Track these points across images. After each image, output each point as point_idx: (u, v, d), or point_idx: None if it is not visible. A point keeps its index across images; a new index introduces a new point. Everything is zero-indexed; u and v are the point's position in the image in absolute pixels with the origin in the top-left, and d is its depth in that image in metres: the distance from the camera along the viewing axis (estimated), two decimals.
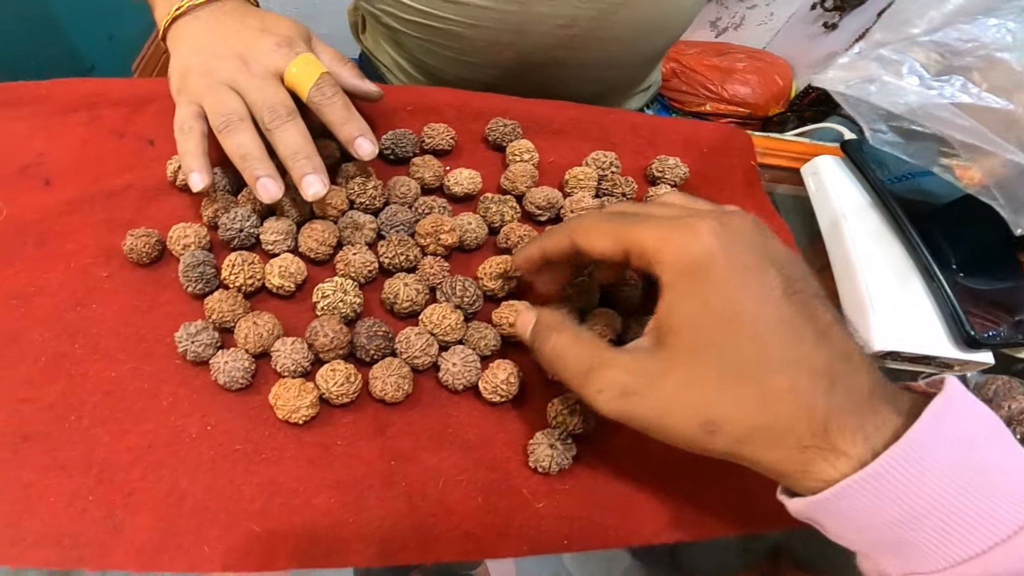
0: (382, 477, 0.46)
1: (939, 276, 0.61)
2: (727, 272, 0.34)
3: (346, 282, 0.51)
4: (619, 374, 0.36)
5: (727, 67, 2.16)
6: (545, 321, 0.42)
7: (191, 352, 0.47)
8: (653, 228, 0.36)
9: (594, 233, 0.39)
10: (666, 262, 0.35)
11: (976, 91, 0.53)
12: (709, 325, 0.34)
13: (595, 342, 0.39)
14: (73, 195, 0.56)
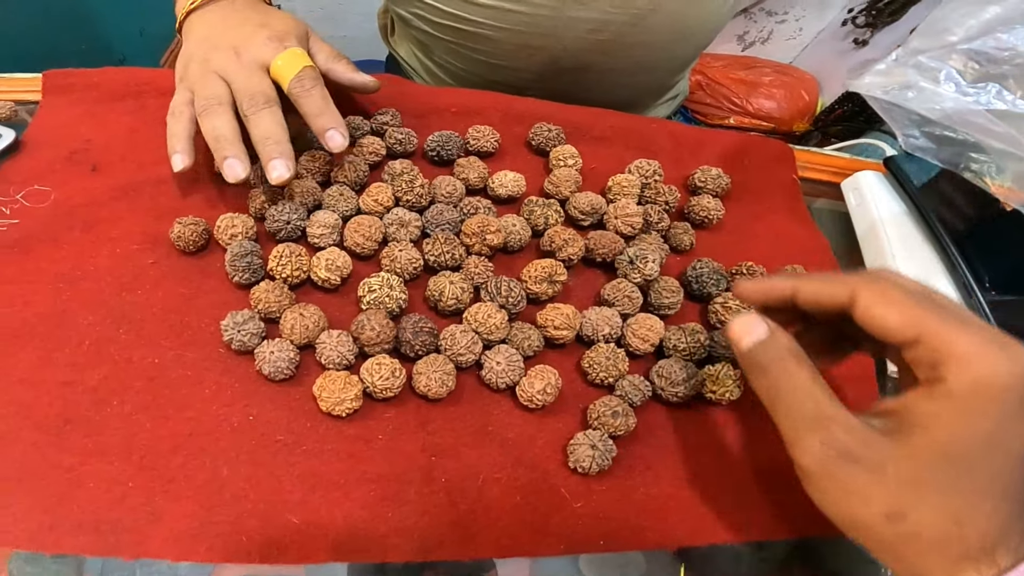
0: (422, 472, 0.46)
1: (978, 294, 0.61)
2: (1016, 411, 0.33)
3: (392, 277, 0.51)
4: (848, 436, 0.35)
5: (753, 81, 2.15)
6: (786, 344, 0.39)
7: (237, 341, 0.47)
8: (974, 332, 0.34)
9: (889, 304, 0.36)
10: (970, 370, 0.33)
11: (1011, 98, 0.53)
12: (968, 446, 0.33)
13: (830, 392, 0.37)
14: (120, 181, 0.57)
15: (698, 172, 0.67)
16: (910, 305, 0.36)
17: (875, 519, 0.34)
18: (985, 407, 0.33)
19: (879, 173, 0.72)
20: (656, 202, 0.63)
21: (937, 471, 0.33)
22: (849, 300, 0.38)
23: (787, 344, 0.39)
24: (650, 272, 0.55)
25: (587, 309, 0.54)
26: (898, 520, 0.34)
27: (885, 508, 0.34)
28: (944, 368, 0.34)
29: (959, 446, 0.33)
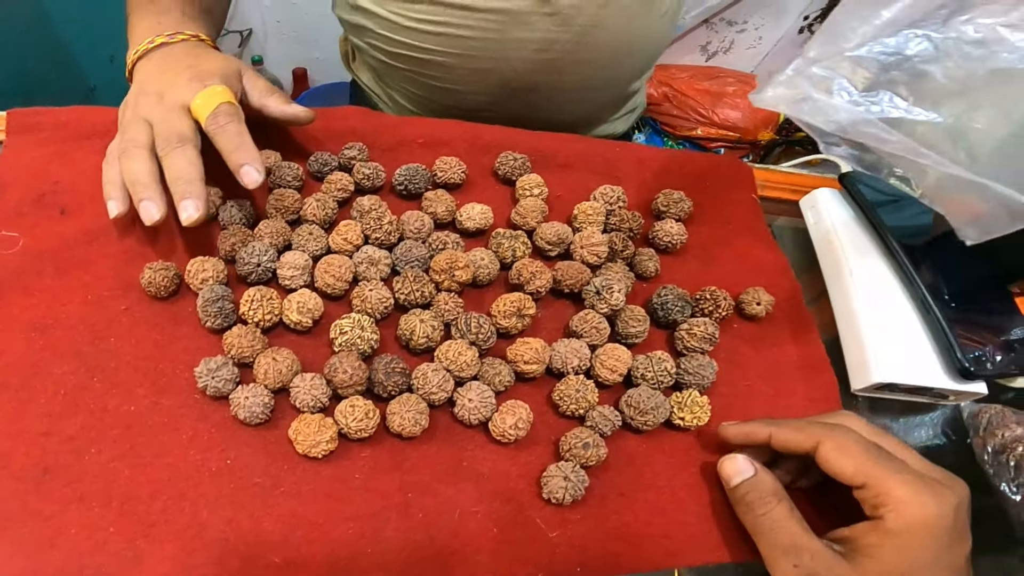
0: (399, 509, 0.47)
1: (934, 309, 0.62)
2: (946, 541, 0.42)
3: (363, 318, 0.52)
4: (815, 562, 0.43)
5: (717, 91, 2.18)
6: (769, 484, 0.48)
7: (211, 387, 0.48)
8: (908, 482, 0.43)
9: (846, 456, 0.45)
10: (903, 514, 0.42)
11: (904, 105, 0.54)
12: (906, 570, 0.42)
13: (803, 523, 0.46)
14: (90, 224, 0.57)
15: (661, 196, 0.69)
16: (861, 457, 0.45)
17: None
18: (917, 541, 0.42)
19: (835, 190, 0.74)
20: (620, 229, 0.64)
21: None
22: (812, 448, 0.47)
23: (770, 484, 0.48)
24: (616, 302, 0.56)
25: (556, 342, 0.55)
26: None
27: None
28: (884, 509, 0.43)
29: (898, 568, 0.42)
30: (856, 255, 0.68)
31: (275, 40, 2.23)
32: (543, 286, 0.57)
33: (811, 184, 0.77)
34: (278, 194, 0.59)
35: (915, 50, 0.53)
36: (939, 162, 0.51)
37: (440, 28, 0.76)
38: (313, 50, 2.24)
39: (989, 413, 0.65)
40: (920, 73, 0.53)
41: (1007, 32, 0.50)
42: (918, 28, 0.53)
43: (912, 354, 0.62)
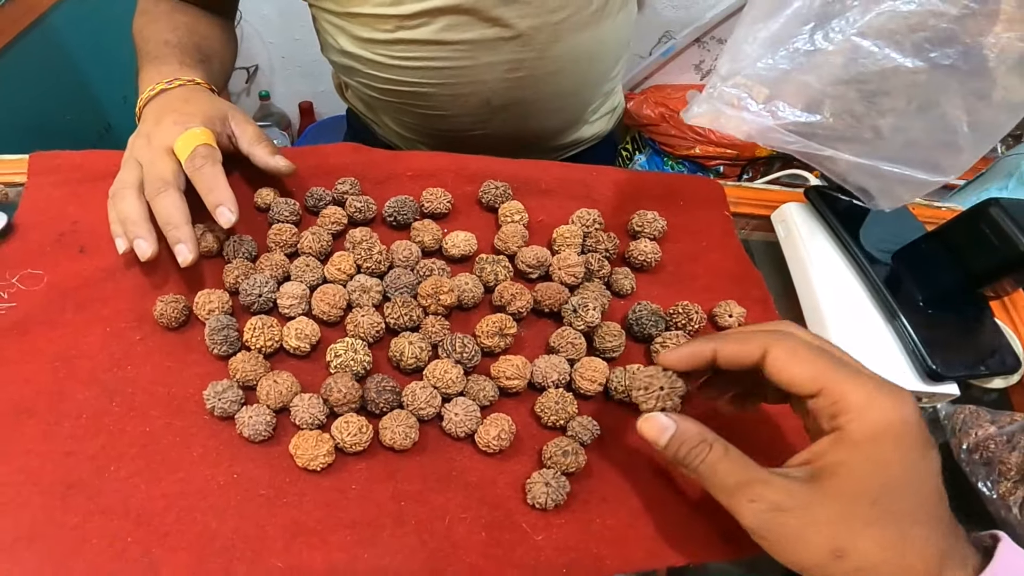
0: (393, 517, 0.51)
1: (900, 315, 0.65)
2: (915, 450, 0.38)
3: (356, 342, 0.56)
4: (774, 492, 0.39)
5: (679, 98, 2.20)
6: (694, 435, 0.44)
7: (218, 408, 0.53)
8: (864, 384, 0.39)
9: (796, 361, 0.41)
10: (866, 420, 0.38)
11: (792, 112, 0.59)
12: (878, 484, 0.38)
13: (744, 458, 0.42)
14: (107, 262, 0.62)
15: (636, 217, 0.73)
16: (813, 361, 0.41)
17: (822, 559, 0.38)
18: (886, 450, 0.38)
19: (802, 203, 0.77)
20: (597, 250, 0.69)
21: (860, 507, 0.38)
22: (760, 357, 0.43)
23: (696, 431, 0.44)
24: (592, 319, 0.61)
25: (537, 358, 0.59)
26: (843, 557, 0.37)
27: (827, 547, 0.38)
28: (844, 418, 0.39)
29: (869, 486, 0.38)
30: (823, 265, 0.72)
31: (281, 75, 2.31)
32: (523, 307, 0.62)
33: (781, 199, 0.80)
34: (277, 229, 0.64)
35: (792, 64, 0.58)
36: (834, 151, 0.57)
37: (419, 63, 0.84)
38: (318, 84, 2.31)
39: (964, 413, 0.66)
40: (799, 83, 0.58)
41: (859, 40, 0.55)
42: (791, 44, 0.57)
43: (881, 359, 0.65)
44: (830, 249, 0.73)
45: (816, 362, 0.41)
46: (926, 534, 0.38)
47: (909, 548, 0.37)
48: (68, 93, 1.48)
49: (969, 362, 0.65)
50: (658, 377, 0.48)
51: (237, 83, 2.29)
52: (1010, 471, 0.61)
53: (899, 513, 0.38)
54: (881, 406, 0.38)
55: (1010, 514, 0.60)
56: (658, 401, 0.48)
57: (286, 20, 2.13)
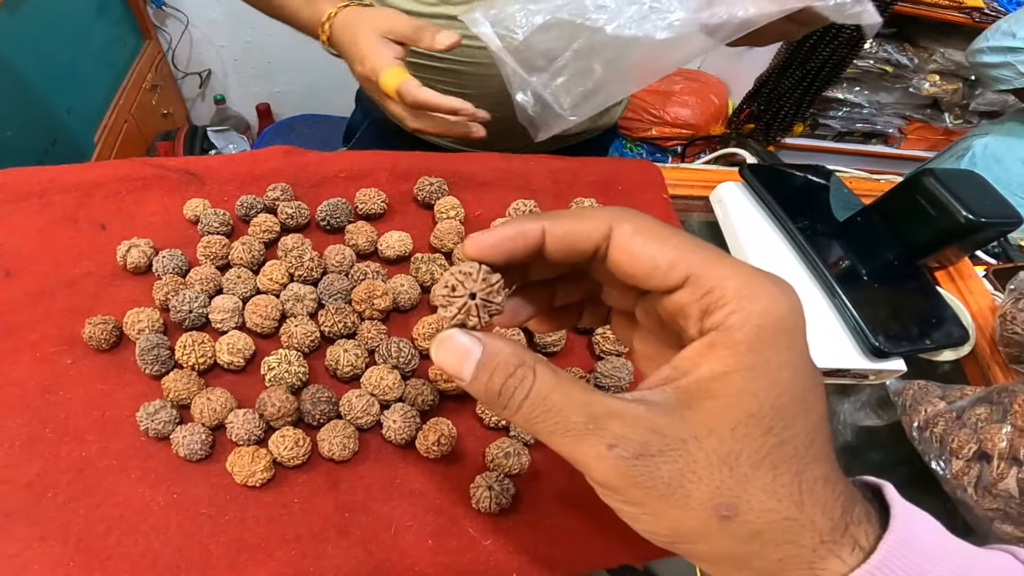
0: (338, 528, 0.51)
1: (839, 291, 0.66)
2: (801, 352, 0.28)
3: (290, 353, 0.56)
4: (636, 430, 0.27)
5: (666, 90, 2.22)
6: (509, 358, 0.29)
7: (152, 430, 0.52)
8: (741, 268, 0.28)
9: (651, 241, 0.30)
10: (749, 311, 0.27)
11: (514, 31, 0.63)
12: (770, 401, 0.27)
13: (582, 383, 0.29)
14: (34, 286, 0.61)
15: (573, 205, 0.73)
16: (672, 239, 0.29)
17: (705, 521, 0.28)
18: (777, 355, 0.27)
19: (738, 183, 0.78)
20: None
21: (748, 440, 0.27)
22: (603, 239, 0.31)
23: (511, 351, 0.30)
24: None
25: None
26: (730, 516, 0.27)
27: (710, 503, 0.27)
28: (721, 313, 0.28)
29: (762, 405, 0.27)
30: (761, 244, 0.72)
31: (235, 79, 2.28)
32: None
33: (718, 179, 0.81)
34: (206, 241, 0.63)
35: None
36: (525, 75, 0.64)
37: None
38: (273, 85, 2.29)
39: (912, 389, 0.67)
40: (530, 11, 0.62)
41: None
42: None
43: (824, 337, 0.65)
44: (767, 227, 0.73)
45: (677, 242, 0.29)
46: (826, 474, 0.28)
47: (808, 495, 0.27)
48: (8, 107, 1.43)
49: (914, 337, 0.66)
50: (468, 277, 0.31)
51: (191, 89, 2.26)
52: (962, 449, 0.60)
53: (795, 444, 0.27)
54: (769, 293, 0.27)
55: (965, 494, 0.60)
56: (463, 313, 0.31)
57: (236, 23, 2.10)
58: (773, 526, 0.27)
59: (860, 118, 2.40)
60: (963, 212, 0.65)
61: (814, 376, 0.28)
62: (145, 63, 1.95)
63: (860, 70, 2.19)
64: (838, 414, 0.70)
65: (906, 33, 2.21)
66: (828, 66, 2.01)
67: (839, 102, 2.33)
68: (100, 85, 1.72)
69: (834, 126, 2.41)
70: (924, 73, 2.25)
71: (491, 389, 0.29)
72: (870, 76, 2.24)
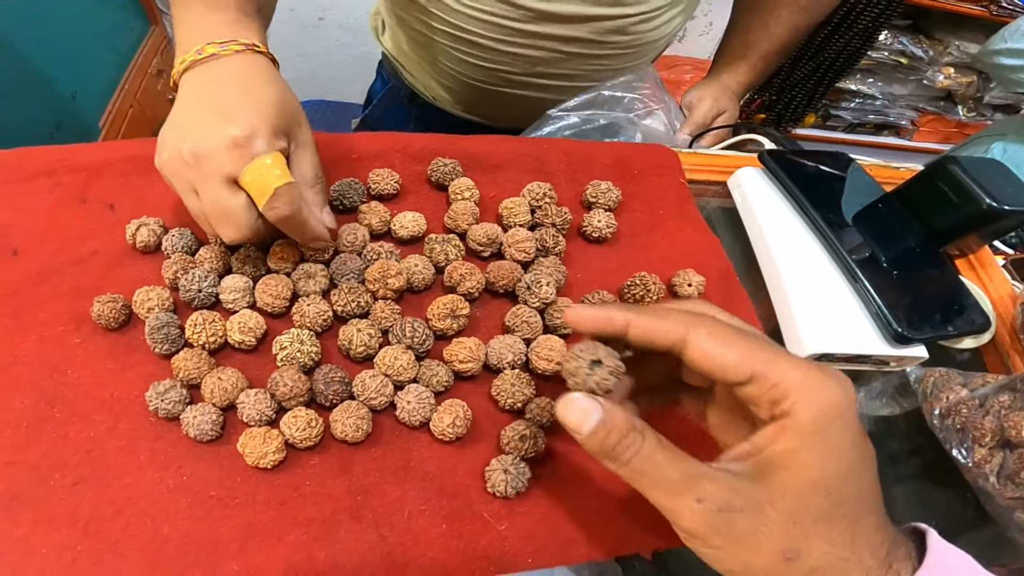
0: (350, 512, 0.50)
1: (861, 277, 0.65)
2: (854, 429, 0.36)
3: (303, 333, 0.55)
4: (722, 490, 0.35)
5: (676, 80, 2.20)
6: (624, 424, 0.38)
7: (161, 409, 0.51)
8: (800, 365, 0.36)
9: (726, 345, 0.37)
10: (813, 401, 0.35)
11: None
12: (833, 472, 0.35)
13: (681, 452, 0.37)
14: (41, 264, 0.59)
15: (589, 187, 0.71)
16: (746, 346, 0.36)
17: (772, 562, 0.35)
18: (835, 434, 0.35)
19: (759, 168, 0.76)
20: (544, 224, 0.67)
21: (812, 502, 0.35)
22: (681, 339, 0.38)
23: (624, 418, 0.38)
24: (546, 295, 0.59)
25: (492, 339, 0.58)
26: (793, 558, 0.35)
27: (778, 549, 0.35)
28: (788, 402, 0.35)
29: (824, 475, 0.35)
30: (782, 230, 0.71)
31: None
32: (475, 287, 0.60)
33: (736, 164, 0.79)
34: None
35: None
36: None
37: (489, 17, 0.85)
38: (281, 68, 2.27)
39: (934, 376, 0.66)
40: None
41: None
42: None
43: (845, 323, 0.64)
44: (788, 213, 0.72)
45: (744, 344, 0.36)
46: (875, 523, 0.36)
47: (859, 540, 0.35)
48: (14, 91, 1.42)
49: (936, 323, 0.65)
50: (592, 349, 0.40)
51: None
52: (984, 436, 0.60)
53: (850, 503, 0.36)
54: (824, 386, 0.35)
55: (987, 482, 0.59)
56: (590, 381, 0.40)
57: None
58: (828, 564, 0.35)
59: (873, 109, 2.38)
60: (986, 199, 0.65)
61: (866, 447, 0.36)
62: (151, 48, 1.94)
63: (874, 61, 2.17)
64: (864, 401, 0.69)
65: (921, 25, 2.20)
66: (842, 57, 2.00)
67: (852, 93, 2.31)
68: (106, 70, 1.71)
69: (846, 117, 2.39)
70: (939, 65, 2.24)
71: (606, 445, 0.38)
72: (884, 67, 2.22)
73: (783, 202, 0.73)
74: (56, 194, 0.64)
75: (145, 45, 1.92)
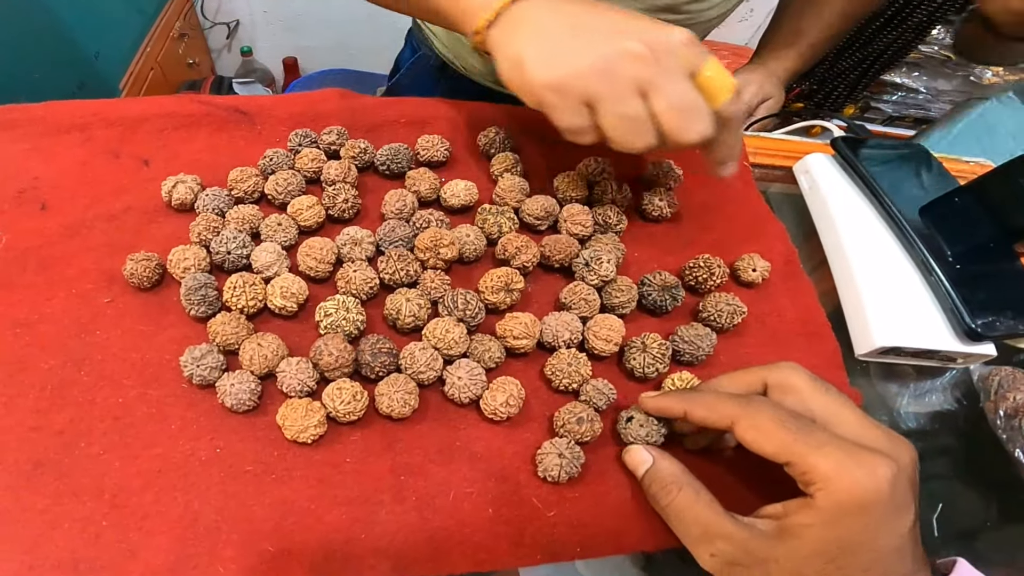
0: (392, 492, 0.47)
1: (936, 270, 0.62)
2: (882, 516, 0.39)
3: (348, 299, 0.51)
4: (734, 548, 0.41)
5: None
6: (667, 475, 0.45)
7: (197, 376, 0.48)
8: (832, 455, 0.39)
9: (763, 435, 0.41)
10: (832, 491, 0.39)
11: None
12: (836, 548, 0.39)
13: (713, 506, 0.43)
14: (71, 219, 0.57)
15: (651, 167, 0.68)
16: (779, 435, 0.41)
17: None
18: (849, 520, 0.38)
19: (828, 155, 0.73)
20: (603, 201, 0.63)
21: (813, 565, 0.39)
22: (729, 428, 0.44)
23: (669, 472, 0.46)
24: (606, 273, 0.56)
25: (547, 315, 0.54)
26: None
27: None
28: (813, 487, 0.39)
29: (830, 549, 0.39)
30: (853, 219, 0.68)
31: (263, 30, 2.24)
32: (529, 260, 0.57)
33: (803, 150, 0.76)
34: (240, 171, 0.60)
35: None
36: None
37: None
38: (302, 38, 2.24)
39: (1000, 376, 0.64)
40: None
41: None
42: None
43: (916, 317, 0.61)
44: (859, 202, 0.69)
45: (781, 435, 0.41)
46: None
47: None
48: (37, 49, 1.40)
49: (1008, 321, 0.62)
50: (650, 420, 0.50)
51: (218, 39, 2.23)
52: None
53: (852, 568, 0.39)
54: (851, 477, 0.38)
55: None
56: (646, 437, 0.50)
57: None
58: None
59: (914, 103, 2.32)
60: None
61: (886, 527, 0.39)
62: (174, 11, 1.92)
63: (923, 55, 2.11)
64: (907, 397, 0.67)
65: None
66: (891, 50, 1.94)
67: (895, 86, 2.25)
68: (129, 31, 1.69)
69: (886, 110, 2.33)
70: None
71: (650, 489, 0.46)
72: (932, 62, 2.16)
73: (855, 190, 0.70)
74: (87, 148, 0.62)
75: (168, 8, 1.89)
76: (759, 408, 0.43)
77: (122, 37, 1.65)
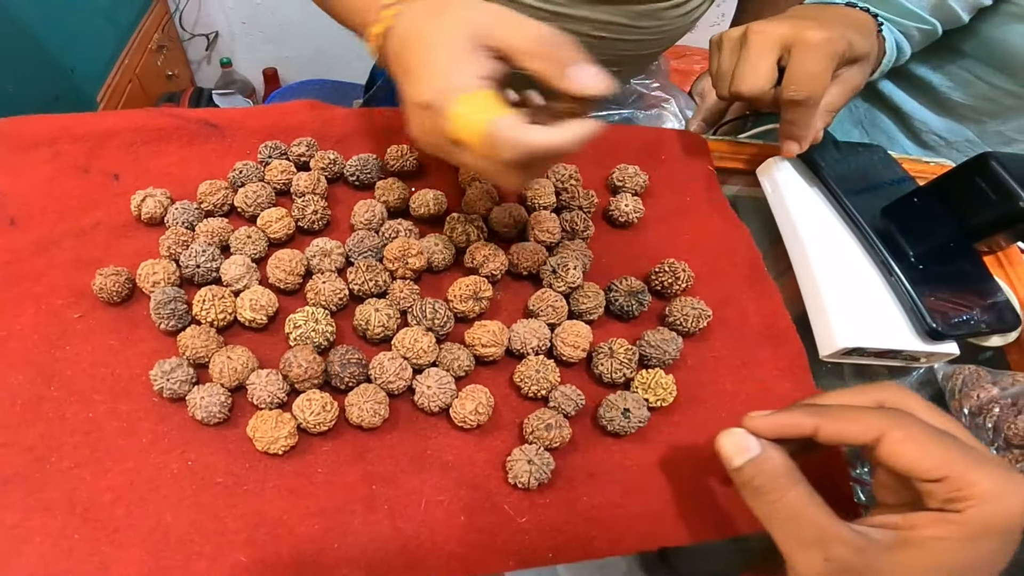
0: (364, 502, 0.47)
1: (896, 270, 0.62)
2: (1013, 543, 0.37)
3: (317, 311, 0.52)
4: (852, 554, 0.37)
5: (686, 69, 2.17)
6: (780, 468, 0.40)
7: (167, 389, 0.48)
8: (994, 474, 0.37)
9: (919, 448, 0.38)
10: (988, 510, 0.36)
11: None
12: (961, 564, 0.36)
13: (827, 508, 0.39)
14: (40, 234, 0.57)
15: (616, 171, 0.69)
16: (939, 448, 0.38)
17: None
18: (991, 539, 0.36)
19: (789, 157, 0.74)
20: (571, 207, 0.64)
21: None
22: (875, 441, 0.39)
23: (781, 464, 0.40)
24: (573, 279, 0.56)
25: (515, 323, 0.55)
26: None
27: None
28: (965, 504, 0.36)
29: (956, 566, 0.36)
30: (815, 221, 0.68)
31: (242, 41, 2.24)
32: (497, 268, 0.57)
33: (768, 154, 0.76)
34: (209, 184, 0.60)
35: None
36: None
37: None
38: (282, 49, 2.24)
39: (963, 374, 0.64)
40: None
41: None
42: None
43: (878, 317, 0.62)
44: (821, 204, 0.70)
45: (941, 448, 0.38)
46: None
47: None
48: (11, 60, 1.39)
49: (969, 320, 0.63)
50: (621, 399, 0.50)
51: (197, 51, 2.22)
52: (1018, 436, 0.59)
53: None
54: (1012, 499, 0.36)
55: None
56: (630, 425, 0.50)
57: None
58: None
59: None
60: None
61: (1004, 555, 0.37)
62: (152, 23, 1.91)
63: None
64: None
65: None
66: None
67: None
68: (105, 44, 1.68)
69: None
70: None
71: (752, 483, 0.40)
72: None
73: (815, 192, 0.71)
74: (57, 163, 0.62)
75: (146, 20, 1.88)
76: (912, 420, 0.39)
77: (98, 50, 1.64)
